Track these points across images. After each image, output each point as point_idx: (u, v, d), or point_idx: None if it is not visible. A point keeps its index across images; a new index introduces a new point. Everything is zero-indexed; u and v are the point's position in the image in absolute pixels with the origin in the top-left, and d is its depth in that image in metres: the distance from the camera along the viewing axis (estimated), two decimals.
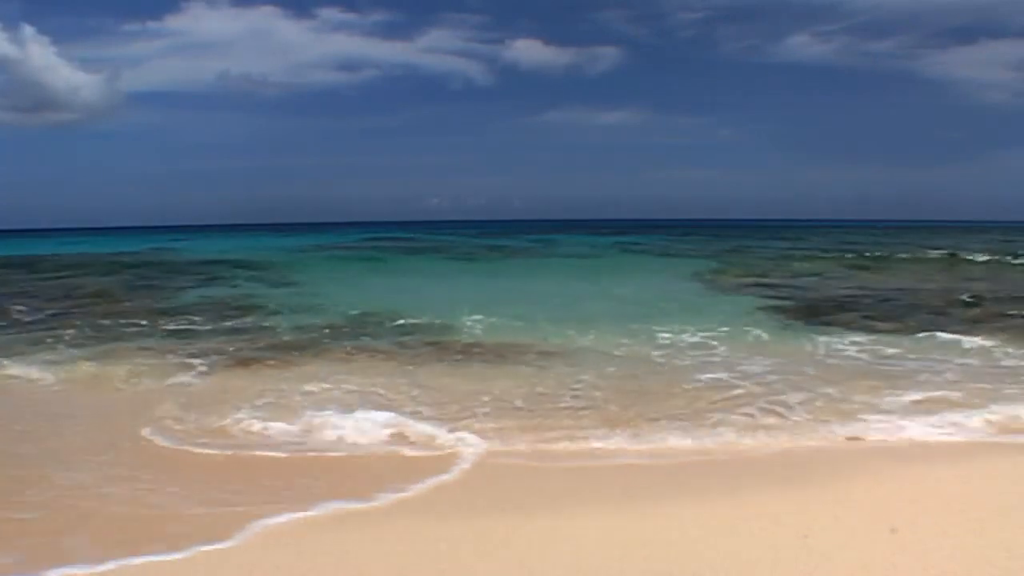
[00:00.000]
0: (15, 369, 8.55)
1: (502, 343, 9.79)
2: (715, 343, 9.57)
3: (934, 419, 6.04)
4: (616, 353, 9.13)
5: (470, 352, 9.37)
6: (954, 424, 5.93)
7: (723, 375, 7.83)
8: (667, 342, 9.66)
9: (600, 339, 9.89)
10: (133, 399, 7.23)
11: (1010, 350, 9.11)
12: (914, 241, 38.87)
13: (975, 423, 5.96)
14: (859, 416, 6.20)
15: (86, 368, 8.55)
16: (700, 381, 7.60)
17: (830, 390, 7.06)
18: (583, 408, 6.65)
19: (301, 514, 4.24)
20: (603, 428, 5.99)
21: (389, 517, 4.28)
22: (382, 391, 7.29)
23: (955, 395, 6.79)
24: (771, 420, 6.21)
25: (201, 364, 8.74)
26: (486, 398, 6.96)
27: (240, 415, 6.32)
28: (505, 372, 8.25)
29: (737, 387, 7.31)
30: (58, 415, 6.79)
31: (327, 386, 7.48)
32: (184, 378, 8.09)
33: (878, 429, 5.89)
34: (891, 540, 3.69)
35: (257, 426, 6.04)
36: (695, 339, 9.81)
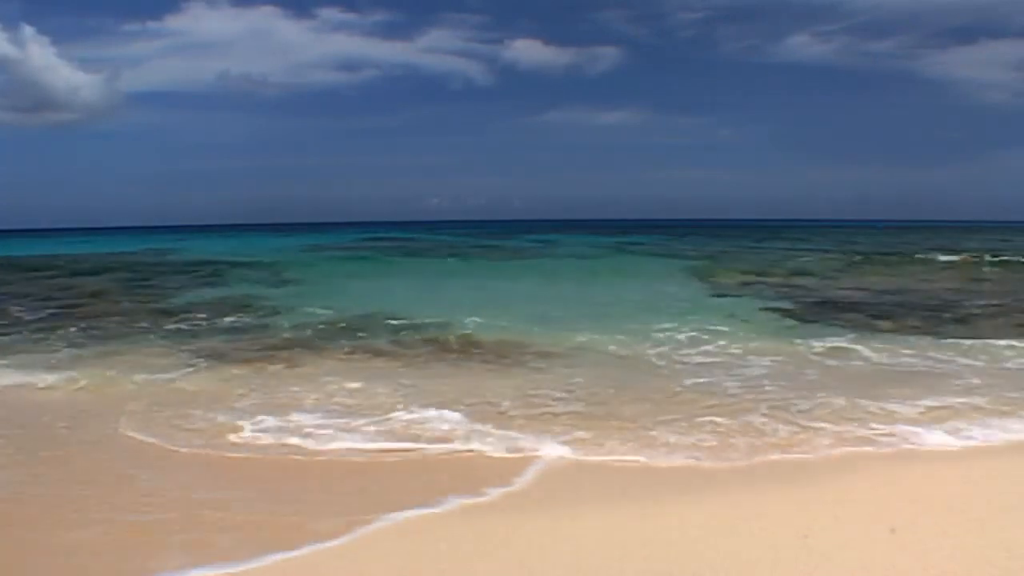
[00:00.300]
0: (18, 374, 8.50)
1: (503, 343, 9.79)
2: (715, 344, 9.56)
3: (941, 425, 6.01)
4: (615, 353, 9.13)
5: (469, 352, 9.38)
6: (959, 430, 5.89)
7: (723, 376, 7.83)
8: (666, 343, 9.65)
9: (599, 339, 9.88)
10: (166, 404, 7.06)
11: (1014, 343, 9.13)
12: (915, 241, 38.84)
13: (980, 430, 5.92)
14: (860, 419, 6.20)
15: (98, 372, 8.44)
16: (700, 383, 7.59)
17: (830, 392, 7.05)
18: (585, 410, 6.64)
19: (426, 510, 4.31)
20: (603, 429, 5.99)
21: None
22: (408, 390, 7.35)
23: (960, 399, 6.76)
24: (770, 423, 6.20)
25: (206, 364, 8.82)
26: (478, 397, 6.98)
27: (269, 419, 6.33)
28: (508, 372, 8.27)
29: (736, 389, 7.31)
30: (98, 420, 6.62)
31: (355, 387, 7.50)
32: (209, 382, 8.02)
33: (879, 433, 5.88)
34: (891, 540, 3.69)
35: (305, 430, 6.04)
36: (695, 340, 9.81)
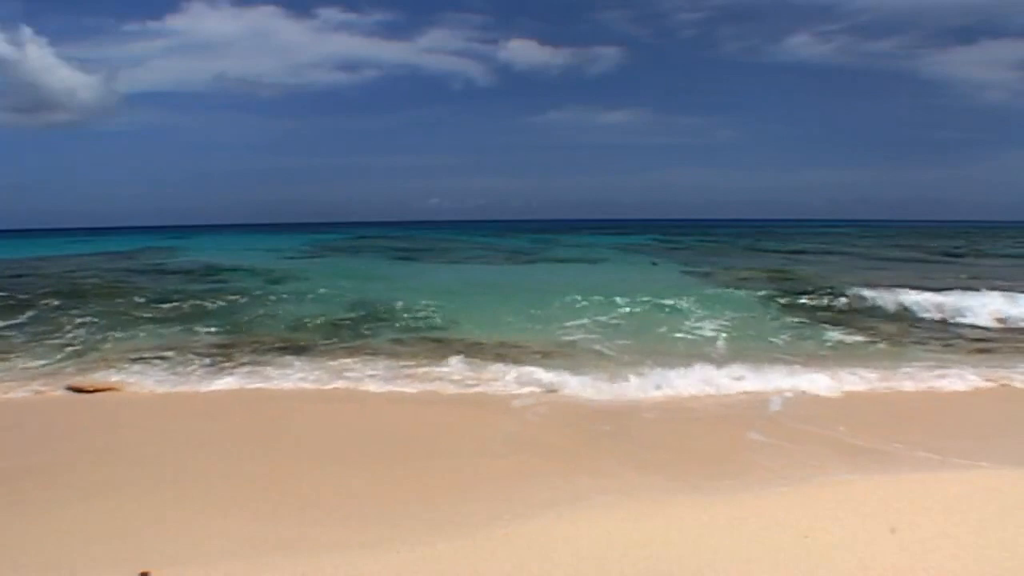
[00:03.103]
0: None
1: (503, 343, 9.80)
2: (719, 345, 9.56)
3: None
4: (610, 354, 9.14)
5: (472, 355, 9.37)
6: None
7: (727, 379, 7.85)
8: (673, 346, 9.66)
9: (599, 342, 9.88)
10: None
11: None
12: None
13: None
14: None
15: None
16: (705, 385, 7.60)
17: (837, 404, 7.05)
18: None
19: None
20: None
21: None
22: None
23: None
24: (769, 426, 6.21)
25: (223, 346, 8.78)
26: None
27: None
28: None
29: (736, 393, 7.33)
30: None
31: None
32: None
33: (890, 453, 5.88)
34: (891, 540, 3.69)
35: None
36: (700, 342, 9.80)
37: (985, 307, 12.33)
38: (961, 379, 7.70)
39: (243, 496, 4.72)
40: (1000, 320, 11.80)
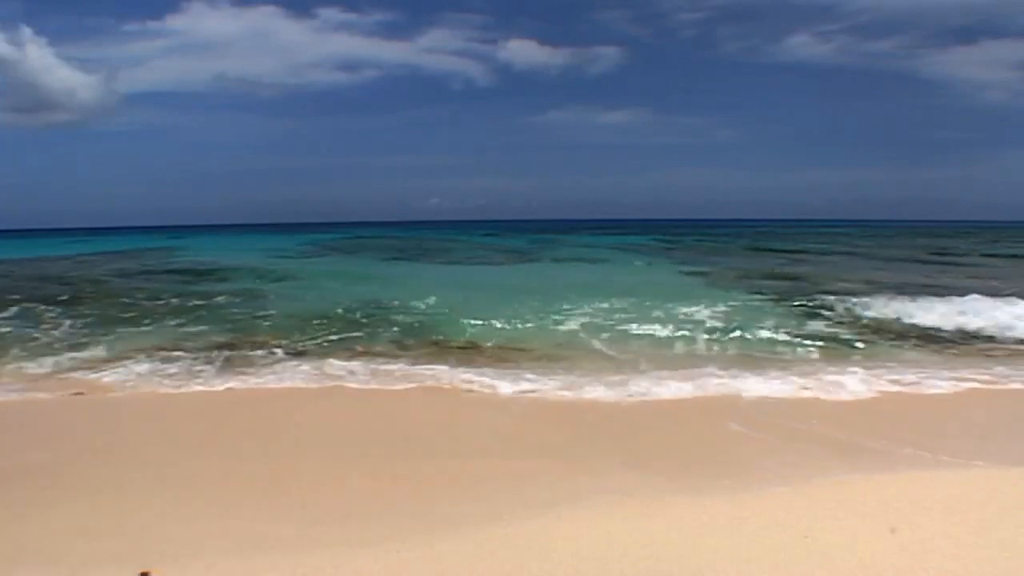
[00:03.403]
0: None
1: (501, 343, 9.79)
2: (717, 346, 9.57)
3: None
4: (609, 353, 9.13)
5: (470, 355, 9.37)
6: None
7: (725, 379, 7.85)
8: (671, 346, 9.66)
9: (597, 341, 9.88)
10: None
11: None
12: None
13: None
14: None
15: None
16: (703, 386, 7.60)
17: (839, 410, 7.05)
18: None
19: None
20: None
21: None
22: None
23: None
24: (768, 426, 6.20)
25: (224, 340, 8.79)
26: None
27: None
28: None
29: (734, 393, 7.33)
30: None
31: None
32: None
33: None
34: (891, 540, 3.69)
35: None
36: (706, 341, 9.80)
37: (978, 311, 12.35)
38: (953, 381, 7.73)
39: (243, 496, 4.72)
40: (992, 323, 11.81)
